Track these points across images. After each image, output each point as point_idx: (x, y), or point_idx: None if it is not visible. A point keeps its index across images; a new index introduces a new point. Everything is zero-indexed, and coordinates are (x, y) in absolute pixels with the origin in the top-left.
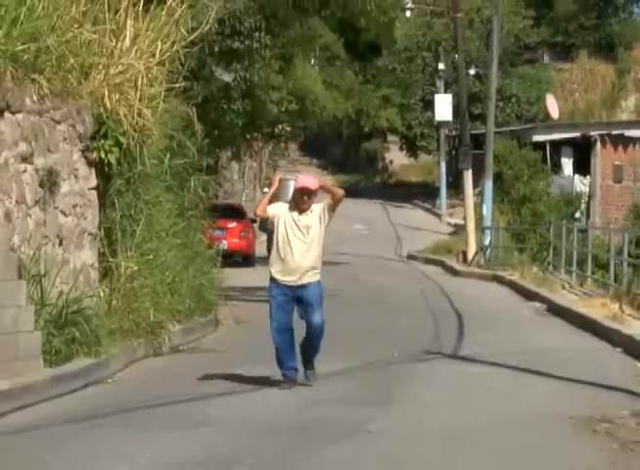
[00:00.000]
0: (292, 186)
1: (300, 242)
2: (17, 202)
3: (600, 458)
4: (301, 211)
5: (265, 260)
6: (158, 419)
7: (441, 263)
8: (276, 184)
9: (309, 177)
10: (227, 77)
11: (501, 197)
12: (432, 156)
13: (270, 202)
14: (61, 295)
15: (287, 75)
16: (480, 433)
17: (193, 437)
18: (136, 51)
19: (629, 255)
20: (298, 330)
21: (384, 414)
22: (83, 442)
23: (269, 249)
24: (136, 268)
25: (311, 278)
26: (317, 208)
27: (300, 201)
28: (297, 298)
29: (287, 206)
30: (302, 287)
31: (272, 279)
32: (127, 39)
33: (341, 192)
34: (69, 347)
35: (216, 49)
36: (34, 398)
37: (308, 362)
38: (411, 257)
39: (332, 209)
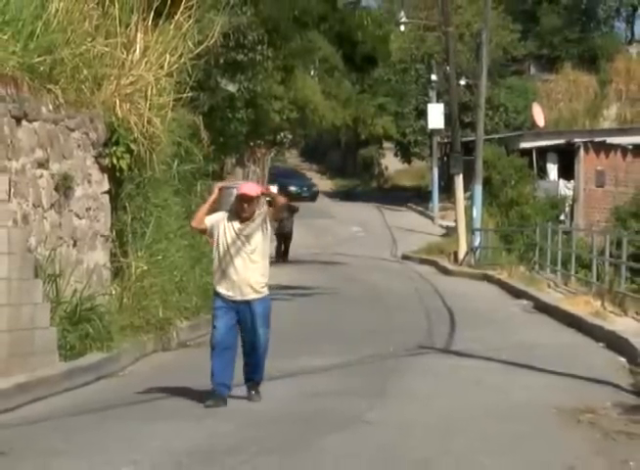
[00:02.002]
0: (233, 194)
1: (242, 253)
2: (33, 205)
3: (584, 447)
4: (242, 220)
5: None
6: (166, 410)
7: (434, 263)
8: (215, 193)
9: (250, 184)
10: (232, 88)
11: (490, 200)
12: (425, 161)
13: (209, 212)
14: (75, 293)
15: (288, 86)
16: (471, 423)
17: (198, 427)
18: (146, 63)
19: (611, 255)
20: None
21: (380, 406)
22: (95, 431)
23: (277, 249)
24: (146, 268)
25: (257, 294)
26: (259, 216)
27: (241, 209)
28: (240, 313)
29: (226, 215)
30: (247, 303)
31: (215, 293)
32: (137, 52)
33: (282, 199)
34: (83, 342)
35: (221, 61)
36: (49, 390)
37: (252, 383)
38: (405, 257)
39: (274, 217)
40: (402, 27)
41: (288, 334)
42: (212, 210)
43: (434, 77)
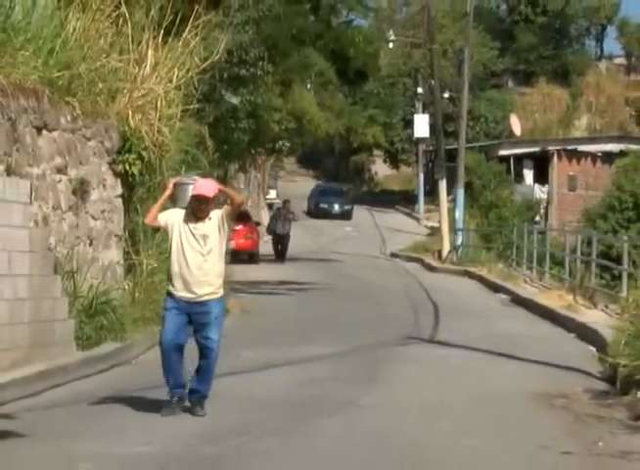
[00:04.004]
0: (189, 190)
1: (197, 253)
2: (53, 207)
3: (557, 429)
4: (198, 219)
5: (268, 258)
6: None
7: (420, 261)
8: (170, 189)
9: (207, 183)
10: (235, 100)
11: (471, 203)
12: (411, 168)
13: (163, 209)
14: (91, 288)
15: (286, 98)
16: (455, 408)
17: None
18: (156, 77)
19: (582, 253)
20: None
21: (372, 391)
22: (110, 415)
23: (275, 250)
24: (156, 265)
25: (211, 295)
26: (216, 215)
27: (197, 209)
28: (192, 315)
29: (182, 212)
30: (200, 304)
31: (168, 293)
32: (148, 67)
33: (240, 198)
34: (98, 333)
35: (225, 75)
36: (68, 377)
37: (198, 396)
38: (394, 255)
39: (231, 216)
40: (391, 45)
41: (286, 325)
42: (165, 205)
43: (419, 90)
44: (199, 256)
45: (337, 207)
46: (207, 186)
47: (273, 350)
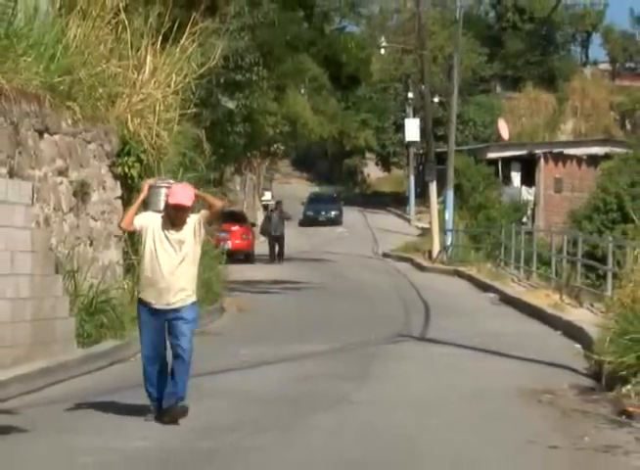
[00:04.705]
0: (163, 194)
1: (171, 258)
2: (54, 209)
3: (544, 423)
4: (174, 225)
5: (263, 258)
6: None
7: (411, 260)
8: (145, 192)
9: (184, 190)
10: (231, 104)
11: (460, 204)
12: (402, 170)
13: (138, 212)
14: (91, 287)
15: (281, 103)
16: (445, 403)
17: (201, 407)
18: (154, 82)
19: (568, 253)
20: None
21: (364, 387)
22: (109, 410)
23: (270, 251)
24: None
25: (184, 301)
26: (192, 220)
27: (174, 216)
28: (167, 320)
29: (158, 216)
30: (174, 311)
31: (141, 301)
32: (147, 72)
33: (219, 203)
34: (98, 331)
35: (222, 81)
36: (68, 374)
37: (172, 401)
38: (385, 255)
39: (209, 221)
40: (383, 51)
41: (281, 324)
42: (140, 209)
43: (410, 95)
44: (173, 261)
45: (325, 213)
46: (185, 194)
47: (268, 347)
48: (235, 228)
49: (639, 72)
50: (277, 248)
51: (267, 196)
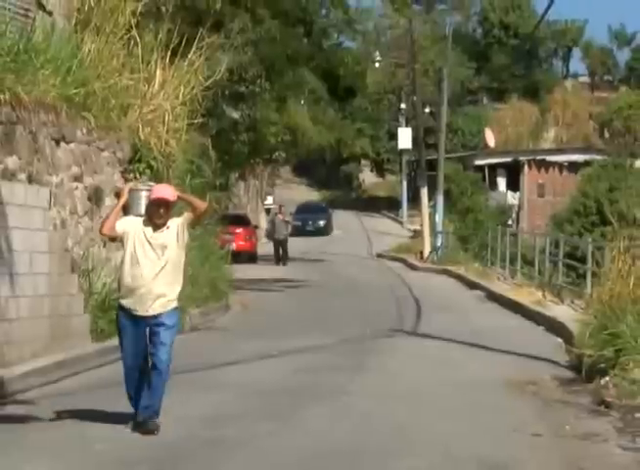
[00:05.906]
0: (144, 197)
1: (153, 264)
2: (70, 212)
3: (528, 412)
4: (156, 227)
5: (265, 259)
6: (181, 383)
7: (403, 260)
8: (125, 196)
9: (166, 187)
10: (235, 115)
11: (450, 208)
12: (395, 176)
13: (118, 217)
14: (105, 286)
15: (282, 113)
16: (435, 394)
17: (206, 398)
18: (164, 94)
19: (550, 254)
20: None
21: (358, 379)
22: (122, 401)
23: (275, 254)
24: None
25: (165, 306)
26: (174, 223)
27: (156, 214)
28: (148, 328)
29: (139, 220)
30: (155, 317)
31: (121, 308)
32: (157, 85)
33: (203, 205)
34: (111, 326)
35: (227, 92)
36: (83, 366)
37: (147, 413)
38: (379, 255)
39: (193, 223)
40: (377, 64)
41: (282, 319)
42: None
43: (403, 106)
44: (155, 267)
45: (312, 223)
46: (168, 190)
47: (270, 342)
48: (239, 230)
49: (616, 85)
50: (281, 251)
51: (269, 200)
